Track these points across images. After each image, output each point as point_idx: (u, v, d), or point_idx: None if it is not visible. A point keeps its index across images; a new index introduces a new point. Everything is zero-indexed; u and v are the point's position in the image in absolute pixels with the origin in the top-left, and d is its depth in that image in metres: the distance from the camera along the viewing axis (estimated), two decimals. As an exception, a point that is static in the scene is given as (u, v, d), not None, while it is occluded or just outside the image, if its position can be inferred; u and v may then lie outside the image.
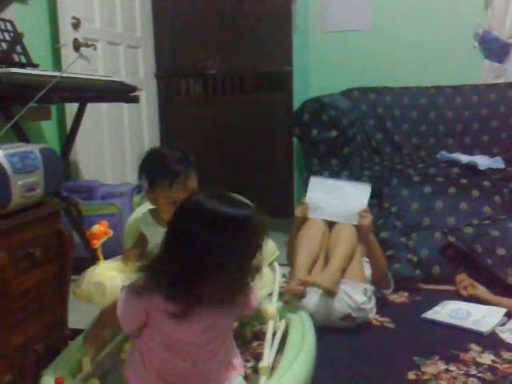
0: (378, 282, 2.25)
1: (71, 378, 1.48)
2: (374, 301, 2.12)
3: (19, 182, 1.49)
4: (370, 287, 2.14)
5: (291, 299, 1.99)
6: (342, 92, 3.57)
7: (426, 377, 1.70)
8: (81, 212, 2.49)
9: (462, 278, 2.39)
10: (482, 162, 3.05)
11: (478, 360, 1.80)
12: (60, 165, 1.76)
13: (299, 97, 3.61)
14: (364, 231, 2.18)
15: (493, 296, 2.24)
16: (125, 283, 1.32)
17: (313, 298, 2.05)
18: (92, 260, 1.67)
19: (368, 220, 2.17)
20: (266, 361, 1.50)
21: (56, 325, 1.72)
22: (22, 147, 1.58)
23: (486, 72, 3.56)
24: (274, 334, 1.73)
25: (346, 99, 3.49)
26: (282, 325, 1.82)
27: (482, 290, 2.29)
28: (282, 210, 3.37)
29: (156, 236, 1.60)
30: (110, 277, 1.49)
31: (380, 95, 3.58)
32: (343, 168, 3.10)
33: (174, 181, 1.48)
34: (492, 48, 3.56)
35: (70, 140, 2.58)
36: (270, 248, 1.86)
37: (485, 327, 2.00)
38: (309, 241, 2.20)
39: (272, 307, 1.76)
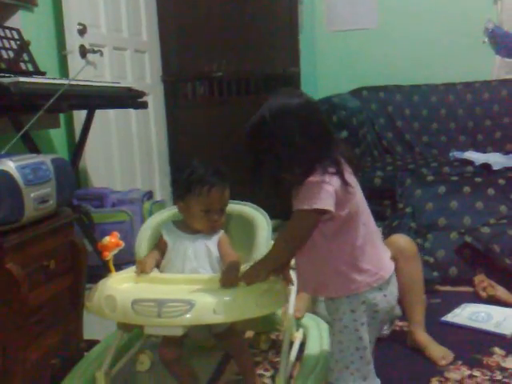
0: None
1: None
2: None
3: (32, 195, 1.46)
4: None
5: None
6: (351, 91, 3.54)
7: (450, 383, 1.66)
8: (92, 220, 2.46)
9: (481, 279, 2.34)
10: (496, 160, 3.01)
11: (503, 364, 1.75)
12: (72, 175, 1.73)
13: (308, 98, 3.58)
14: None
15: (513, 297, 2.20)
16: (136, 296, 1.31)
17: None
18: (105, 267, 1.62)
19: None
20: (283, 374, 1.46)
21: (71, 337, 1.70)
22: (33, 158, 1.55)
23: (497, 68, 3.52)
24: (291, 344, 1.69)
25: (356, 99, 3.45)
26: (299, 334, 1.78)
27: (501, 291, 2.24)
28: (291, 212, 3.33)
29: (180, 240, 1.57)
30: (121, 290, 1.44)
31: (390, 94, 3.55)
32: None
33: (212, 189, 1.53)
34: (502, 43, 3.51)
35: (80, 147, 2.56)
36: None
37: (507, 330, 1.95)
38: None
39: (288, 318, 1.71)
